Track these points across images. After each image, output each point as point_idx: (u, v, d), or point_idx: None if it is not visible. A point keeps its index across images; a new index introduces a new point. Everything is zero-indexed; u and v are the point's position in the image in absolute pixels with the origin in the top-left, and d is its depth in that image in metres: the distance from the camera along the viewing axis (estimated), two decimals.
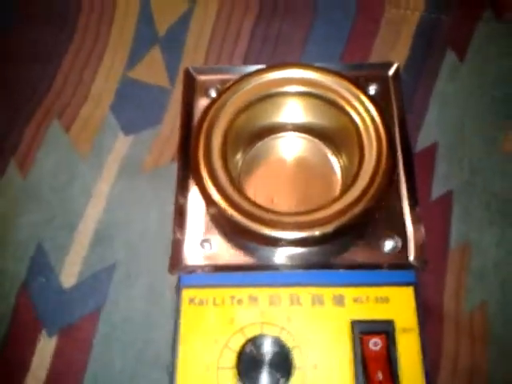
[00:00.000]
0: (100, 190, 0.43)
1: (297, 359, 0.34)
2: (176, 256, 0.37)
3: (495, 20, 0.47)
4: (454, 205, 0.41)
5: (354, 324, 0.34)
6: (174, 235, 0.38)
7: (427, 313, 0.38)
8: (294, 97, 0.40)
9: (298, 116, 0.41)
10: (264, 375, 0.33)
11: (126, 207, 0.42)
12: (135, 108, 0.46)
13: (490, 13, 0.47)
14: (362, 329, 0.34)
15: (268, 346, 0.33)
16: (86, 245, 0.41)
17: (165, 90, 0.47)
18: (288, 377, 0.33)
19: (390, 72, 0.43)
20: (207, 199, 0.36)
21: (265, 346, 0.33)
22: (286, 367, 0.33)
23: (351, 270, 0.36)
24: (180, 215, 0.38)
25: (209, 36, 0.49)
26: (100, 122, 0.46)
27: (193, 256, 0.37)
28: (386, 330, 0.34)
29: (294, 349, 0.34)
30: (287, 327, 0.34)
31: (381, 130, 0.37)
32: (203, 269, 0.37)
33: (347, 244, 0.37)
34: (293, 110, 0.41)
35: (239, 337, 0.34)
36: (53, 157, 0.44)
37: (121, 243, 0.41)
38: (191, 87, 0.43)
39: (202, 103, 0.42)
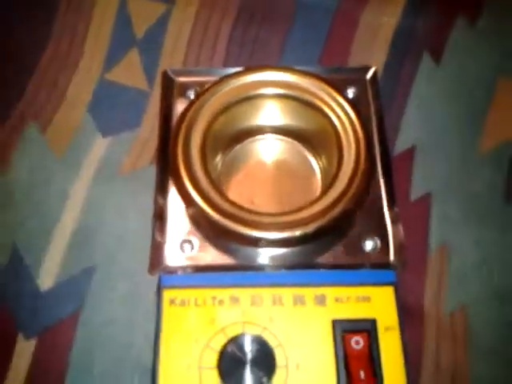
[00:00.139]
0: (77, 192, 0.42)
1: (279, 358, 0.33)
2: (156, 256, 0.37)
3: (469, 27, 0.48)
4: (433, 206, 0.42)
5: (336, 323, 0.34)
6: (154, 236, 0.37)
7: (408, 313, 0.38)
8: (273, 99, 0.40)
9: (277, 118, 0.41)
10: (246, 374, 0.32)
11: (104, 209, 0.42)
12: (113, 110, 0.46)
13: (464, 20, 0.48)
14: (344, 328, 0.34)
15: (250, 345, 0.33)
16: (64, 247, 0.40)
17: (143, 93, 0.46)
18: (270, 376, 0.33)
19: (368, 76, 0.43)
20: (187, 200, 0.36)
21: (246, 345, 0.33)
22: (269, 366, 0.33)
23: (332, 270, 0.36)
24: (160, 216, 0.38)
25: (187, 39, 0.48)
26: (77, 124, 0.45)
27: (173, 257, 0.37)
28: (368, 329, 0.34)
29: (277, 348, 0.34)
30: (269, 327, 0.34)
31: (359, 132, 0.37)
32: (184, 269, 0.36)
33: (328, 244, 0.37)
34: (271, 113, 0.41)
35: (221, 337, 0.34)
36: (28, 159, 0.44)
37: (99, 246, 0.41)
38: (170, 89, 0.43)
39: (181, 105, 0.41)
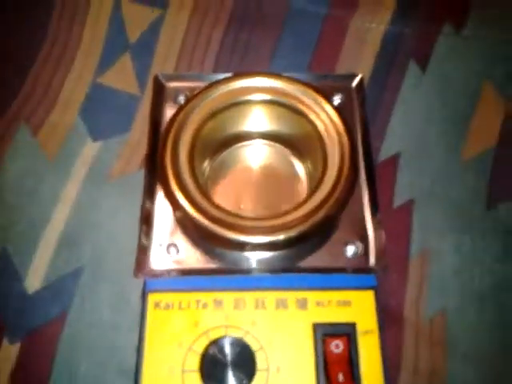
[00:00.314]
0: (67, 195, 0.43)
1: (260, 361, 0.34)
2: (141, 260, 0.37)
3: (455, 34, 0.49)
4: (415, 213, 0.42)
5: (317, 327, 0.35)
6: (140, 239, 0.38)
7: (388, 317, 0.38)
8: (260, 105, 0.40)
9: (264, 124, 0.42)
10: (228, 377, 0.33)
11: (93, 212, 0.42)
12: (104, 114, 0.46)
13: (450, 28, 0.49)
14: (325, 331, 0.35)
15: (231, 348, 0.34)
16: (52, 249, 0.41)
17: (134, 97, 0.47)
18: (251, 378, 0.33)
19: (354, 83, 0.44)
20: (174, 204, 0.36)
21: (227, 348, 0.34)
22: (249, 369, 0.33)
23: (314, 274, 0.37)
24: (146, 220, 0.39)
25: (179, 44, 0.49)
26: (68, 127, 0.45)
27: (159, 260, 0.37)
28: (348, 333, 0.35)
29: (258, 351, 0.34)
30: (251, 331, 0.35)
31: (343, 139, 0.38)
32: (169, 273, 0.37)
33: (311, 249, 0.38)
34: (259, 118, 0.41)
35: (203, 340, 0.34)
36: (20, 160, 0.44)
37: (87, 248, 0.41)
38: (160, 94, 0.44)
39: (171, 110, 0.42)
